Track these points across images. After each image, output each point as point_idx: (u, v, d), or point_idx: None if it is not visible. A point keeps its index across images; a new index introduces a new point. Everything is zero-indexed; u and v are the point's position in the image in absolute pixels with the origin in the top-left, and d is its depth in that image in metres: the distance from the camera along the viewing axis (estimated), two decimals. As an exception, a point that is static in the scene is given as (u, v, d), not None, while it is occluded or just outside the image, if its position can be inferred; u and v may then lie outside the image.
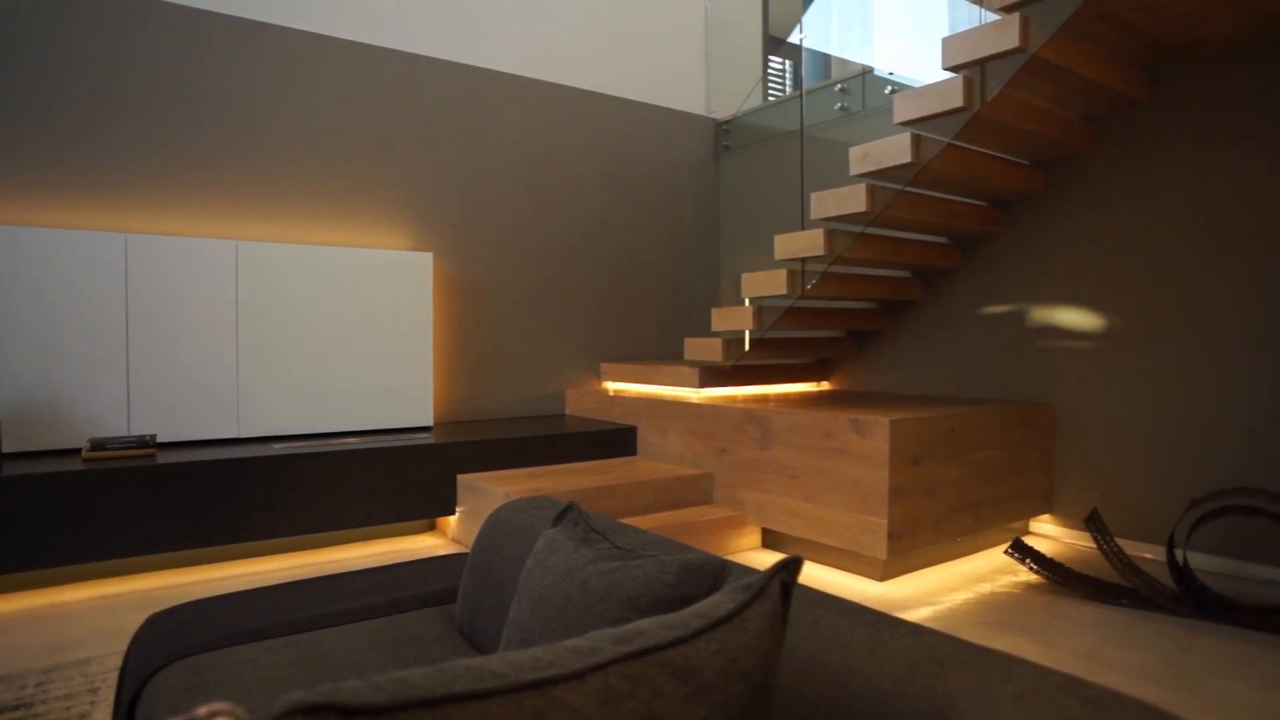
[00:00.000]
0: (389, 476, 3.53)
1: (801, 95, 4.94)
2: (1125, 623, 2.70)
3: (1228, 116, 3.28)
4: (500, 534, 1.60)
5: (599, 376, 5.08)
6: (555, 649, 0.66)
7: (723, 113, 5.67)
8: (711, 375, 4.18)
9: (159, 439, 3.49)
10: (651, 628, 0.65)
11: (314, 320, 3.86)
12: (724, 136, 5.68)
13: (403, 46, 4.33)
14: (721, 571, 0.90)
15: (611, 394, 4.56)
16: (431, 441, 3.69)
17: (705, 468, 3.84)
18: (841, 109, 4.82)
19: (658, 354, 5.42)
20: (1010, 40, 2.88)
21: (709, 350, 4.07)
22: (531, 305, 4.83)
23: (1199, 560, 3.33)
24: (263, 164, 3.94)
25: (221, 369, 3.62)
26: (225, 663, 1.40)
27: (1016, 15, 2.87)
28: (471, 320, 4.59)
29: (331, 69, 4.10)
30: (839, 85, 4.89)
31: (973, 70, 3.09)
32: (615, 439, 4.24)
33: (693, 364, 4.28)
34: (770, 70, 6.15)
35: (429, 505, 3.65)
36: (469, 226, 4.58)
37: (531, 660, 0.63)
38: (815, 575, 3.24)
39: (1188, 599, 2.79)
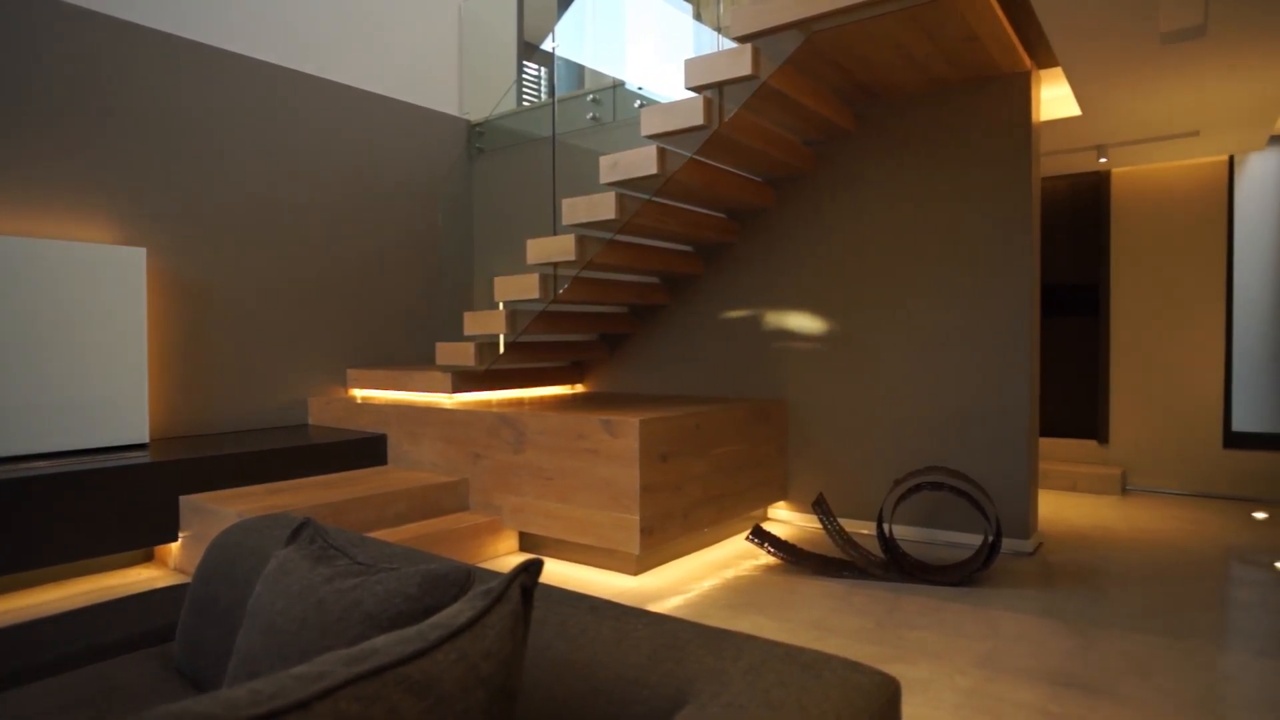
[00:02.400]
0: (94, 503, 3.06)
1: (554, 103, 5.01)
2: (846, 592, 3.04)
3: (916, 150, 3.81)
4: (227, 558, 1.44)
5: (345, 383, 4.78)
6: (279, 679, 0.61)
7: (476, 115, 5.59)
8: (464, 380, 4.11)
9: None
10: (387, 644, 0.62)
11: (-15, 324, 3.24)
12: (477, 139, 5.60)
13: (107, 8, 3.77)
14: (467, 579, 0.88)
15: (359, 401, 4.32)
16: (147, 460, 3.25)
17: (459, 474, 3.75)
18: (593, 119, 4.95)
19: (409, 359, 5.21)
20: (744, 67, 3.13)
21: (461, 354, 3.99)
22: (269, 308, 4.43)
23: (903, 531, 3.83)
24: (-91, 134, 3.24)
25: None
26: None
27: (749, 45, 3.12)
28: (197, 324, 4.11)
29: (16, 30, 3.47)
30: (591, 96, 5.03)
31: (712, 91, 3.32)
32: (364, 448, 4.01)
33: (445, 369, 4.17)
34: (525, 76, 6.17)
35: (144, 533, 3.22)
36: (193, 220, 4.10)
37: (249, 695, 0.57)
38: (571, 575, 3.29)
39: (893, 566, 3.21)
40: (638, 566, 3.31)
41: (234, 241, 4.27)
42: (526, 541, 3.64)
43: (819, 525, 4.04)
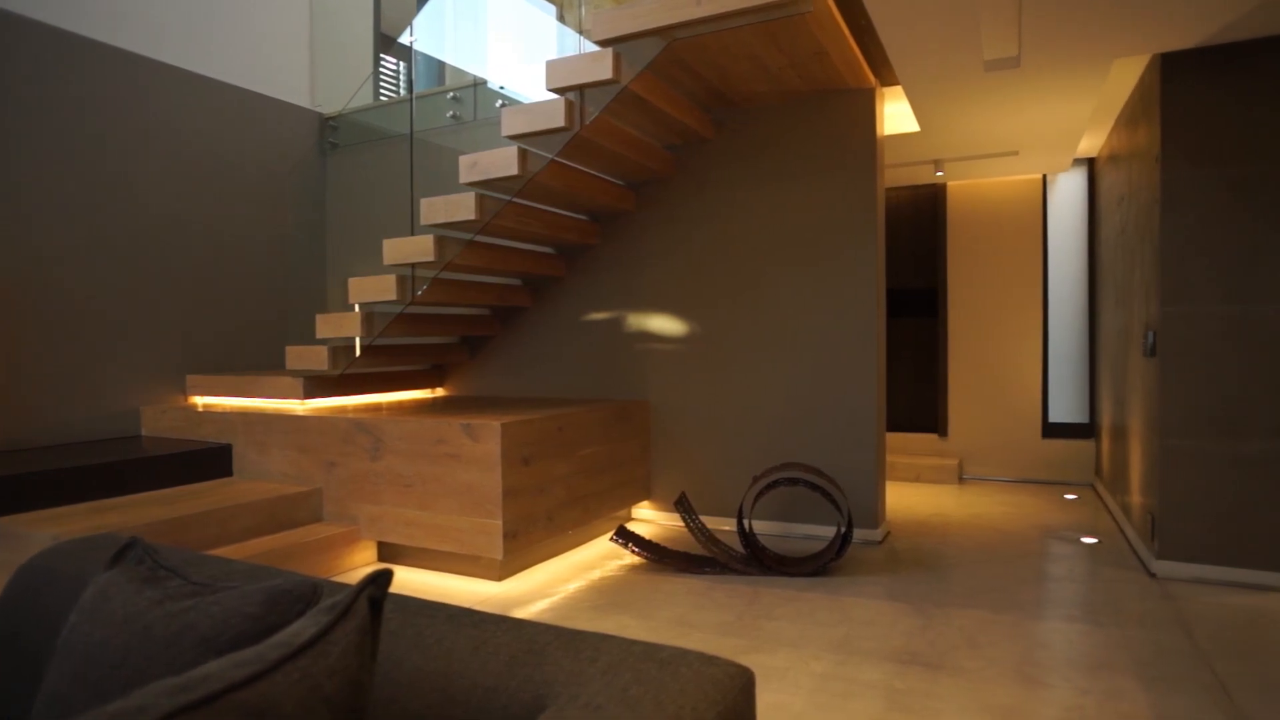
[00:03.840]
0: None
1: (411, 99, 4.87)
2: (708, 588, 3.12)
3: (771, 158, 3.97)
4: (33, 588, 1.30)
5: (184, 390, 4.44)
6: (94, 716, 0.55)
7: (329, 108, 5.34)
8: (317, 385, 3.91)
9: None
10: (221, 668, 0.58)
11: None
12: (331, 133, 5.35)
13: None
14: (314, 594, 0.84)
15: (201, 409, 4.02)
16: (-61, 481, 2.89)
17: (312, 484, 3.57)
18: (453, 117, 4.85)
19: (257, 364, 4.90)
20: (605, 71, 3.16)
21: (314, 358, 3.80)
22: (92, 309, 4.03)
23: (762, 526, 3.97)
24: None
25: None
26: None
27: (611, 50, 3.15)
28: (4, 325, 3.69)
29: None
30: (451, 93, 4.92)
31: (574, 94, 3.32)
32: (206, 460, 3.74)
33: (296, 374, 3.95)
34: (383, 70, 5.95)
35: (-64, 563, 2.85)
36: (5, 210, 3.68)
37: (54, 735, 0.52)
38: (433, 583, 3.20)
39: (753, 560, 3.32)
40: (502, 572, 3.26)
41: (48, 235, 3.87)
42: (386, 551, 3.51)
43: (682, 523, 4.12)
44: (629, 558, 3.56)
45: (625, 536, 3.43)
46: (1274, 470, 3.03)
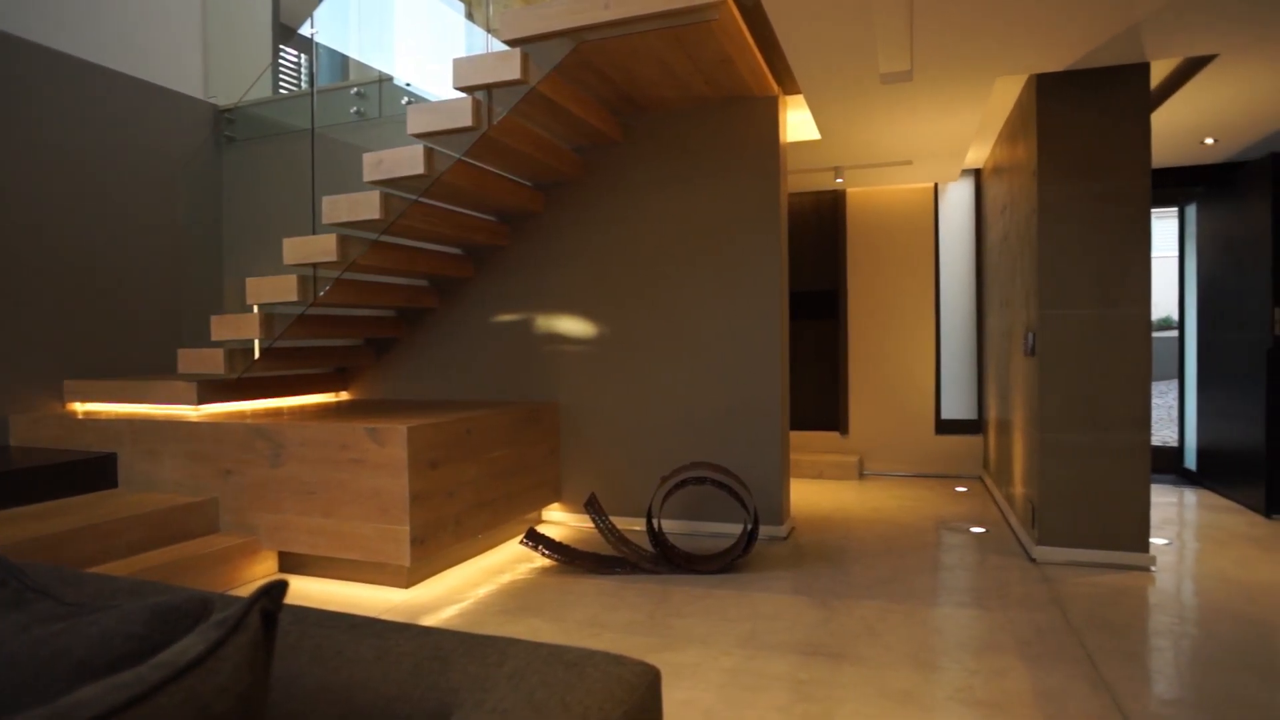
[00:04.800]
0: None
1: (313, 93, 4.70)
2: (619, 588, 3.14)
3: (678, 162, 4.03)
4: (-111, 613, 1.20)
5: (62, 397, 4.15)
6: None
7: (225, 99, 5.10)
8: (213, 390, 3.74)
9: None
10: (96, 694, 0.56)
11: None
12: (227, 126, 5.12)
13: None
14: (204, 610, 0.81)
15: (81, 416, 3.78)
16: None
17: (207, 493, 3.41)
18: (358, 113, 4.71)
19: (145, 368, 4.64)
20: (513, 72, 3.14)
21: (209, 362, 3.63)
22: (-48, 310, 3.73)
23: (671, 525, 4.03)
24: None
25: None
26: None
27: (519, 50, 3.13)
28: None
29: None
30: (355, 89, 4.78)
31: (481, 94, 3.29)
32: (87, 471, 3.52)
33: (190, 378, 3.77)
34: (284, 61, 5.73)
35: None
36: None
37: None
38: (337, 593, 3.11)
39: (663, 559, 3.36)
40: (410, 579, 3.20)
41: (-96, 230, 3.56)
42: (289, 561, 3.38)
43: (592, 525, 4.13)
44: (540, 560, 3.55)
45: (535, 539, 3.42)
46: (1135, 459, 3.28)
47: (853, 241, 5.69)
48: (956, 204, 5.55)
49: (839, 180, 5.35)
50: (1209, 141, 4.43)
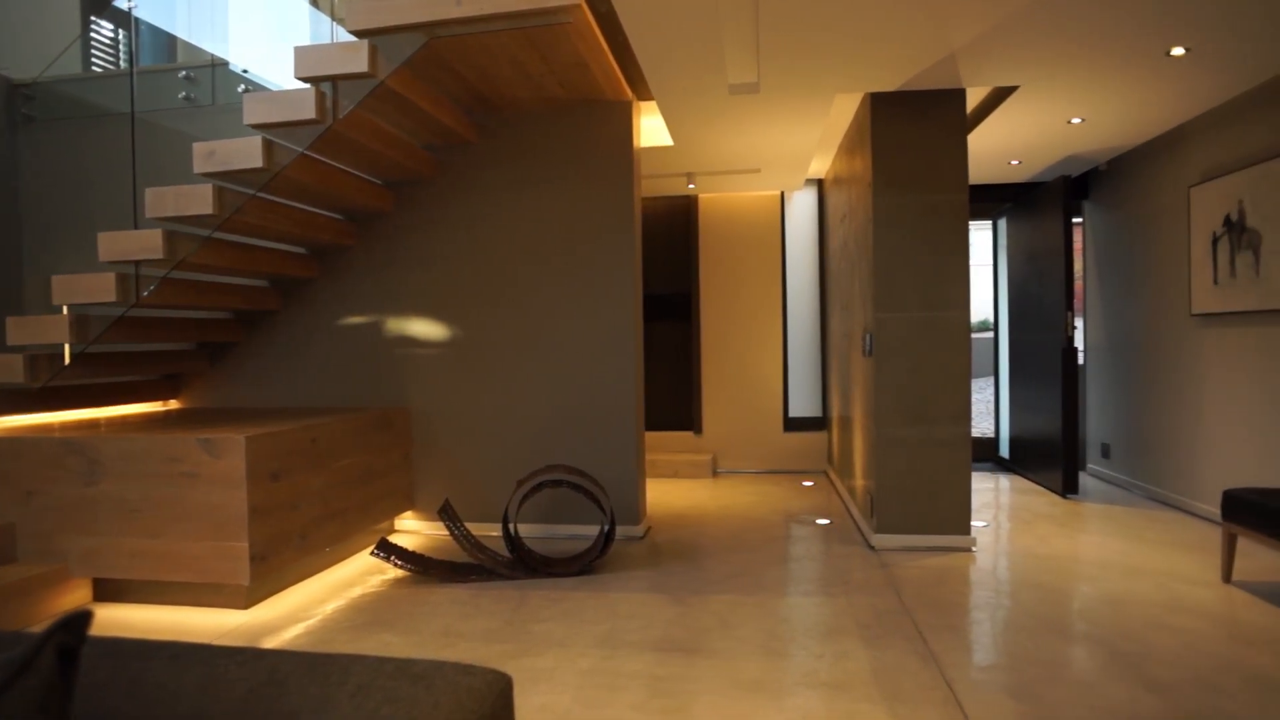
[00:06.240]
0: None
1: (133, 72, 4.31)
2: (474, 595, 3.08)
3: (532, 164, 4.01)
4: None
5: None
6: None
7: (22, 73, 4.58)
8: (11, 400, 3.35)
9: None
10: None
11: None
12: (25, 103, 4.60)
13: None
14: (-4, 648, 0.73)
15: None
16: None
17: (3, 518, 3.05)
18: (187, 99, 4.37)
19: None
20: (360, 64, 3.01)
21: (7, 369, 3.25)
22: None
23: (527, 529, 3.99)
24: None
25: None
26: None
27: (367, 42, 3.01)
28: None
29: None
30: (184, 72, 4.42)
31: (326, 85, 3.14)
32: None
33: (-16, 387, 3.36)
34: (98, 36, 5.21)
35: None
36: None
37: None
38: (165, 620, 2.87)
39: (519, 564, 3.33)
40: (250, 599, 3.00)
41: None
42: (106, 590, 3.08)
43: (447, 532, 4.04)
44: (392, 572, 3.42)
45: (387, 549, 3.30)
46: (958, 450, 3.59)
47: (705, 246, 5.87)
48: (801, 211, 5.85)
49: (691, 186, 5.50)
50: (1015, 163, 4.91)
